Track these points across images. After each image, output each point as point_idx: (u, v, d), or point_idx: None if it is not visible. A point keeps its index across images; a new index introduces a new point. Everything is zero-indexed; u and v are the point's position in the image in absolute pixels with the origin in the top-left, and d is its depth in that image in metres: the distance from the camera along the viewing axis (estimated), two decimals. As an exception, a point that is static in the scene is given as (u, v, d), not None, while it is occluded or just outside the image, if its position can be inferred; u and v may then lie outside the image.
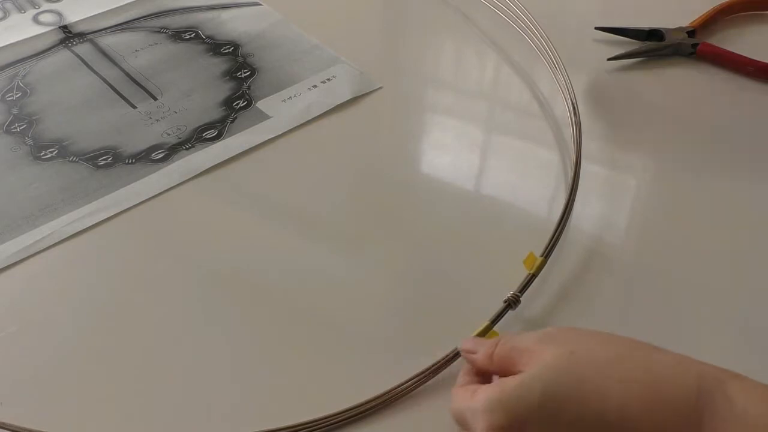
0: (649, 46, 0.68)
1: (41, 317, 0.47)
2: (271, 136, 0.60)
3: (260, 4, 0.75)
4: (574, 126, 0.59)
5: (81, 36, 0.71)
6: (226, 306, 0.48)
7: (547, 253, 0.48)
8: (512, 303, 0.44)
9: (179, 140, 0.60)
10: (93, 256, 0.52)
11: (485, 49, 0.71)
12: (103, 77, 0.66)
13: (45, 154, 0.58)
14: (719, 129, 0.62)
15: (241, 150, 0.59)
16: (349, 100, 0.63)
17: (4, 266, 0.50)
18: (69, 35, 0.71)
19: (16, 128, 0.61)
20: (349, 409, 0.41)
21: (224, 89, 0.65)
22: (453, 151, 0.61)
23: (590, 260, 0.51)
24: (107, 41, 0.70)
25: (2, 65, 0.68)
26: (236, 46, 0.70)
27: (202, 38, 0.71)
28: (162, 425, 0.42)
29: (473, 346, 0.40)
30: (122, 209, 0.54)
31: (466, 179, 0.58)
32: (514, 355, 0.36)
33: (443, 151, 0.62)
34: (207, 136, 0.60)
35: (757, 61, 0.65)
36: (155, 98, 0.64)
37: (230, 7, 0.75)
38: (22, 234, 0.52)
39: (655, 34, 0.69)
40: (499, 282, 0.47)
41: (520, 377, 0.34)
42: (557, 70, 0.63)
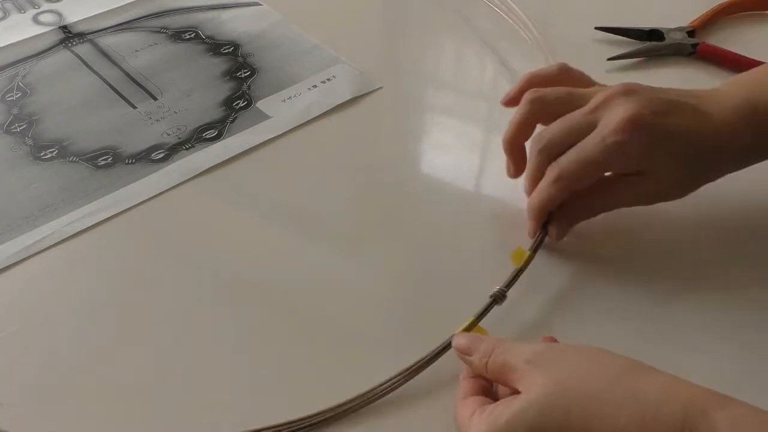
0: (649, 46, 0.68)
1: (41, 317, 0.47)
2: (271, 136, 0.60)
3: (260, 4, 0.75)
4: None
5: (81, 36, 0.71)
6: (226, 306, 0.48)
7: (535, 247, 0.48)
8: (498, 298, 0.45)
9: (179, 140, 0.60)
10: (93, 256, 0.52)
11: (485, 49, 0.71)
12: (103, 77, 0.66)
13: (45, 154, 0.59)
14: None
15: (241, 150, 0.59)
16: (349, 100, 0.63)
17: (4, 266, 0.50)
18: (69, 35, 0.71)
19: (16, 128, 0.61)
20: (336, 407, 0.41)
21: (224, 89, 0.65)
22: (453, 151, 0.61)
23: (579, 256, 0.51)
24: (107, 41, 0.70)
25: (2, 65, 0.68)
26: (236, 46, 0.70)
27: (202, 38, 0.71)
28: (162, 425, 0.42)
29: (467, 345, 0.41)
30: (122, 209, 0.54)
31: (466, 179, 0.58)
32: (506, 371, 0.38)
33: (443, 151, 0.62)
34: (207, 136, 0.60)
35: (758, 61, 0.65)
36: (155, 98, 0.64)
37: (230, 7, 0.75)
38: (22, 234, 0.52)
39: (655, 34, 0.69)
40: (498, 281, 0.47)
41: (509, 413, 0.35)
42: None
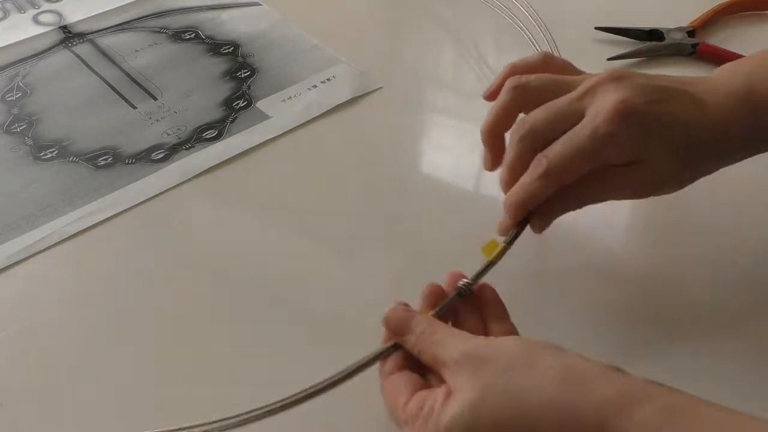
0: (649, 46, 0.68)
1: (41, 317, 0.47)
2: (271, 136, 0.60)
3: (260, 4, 0.75)
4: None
5: (81, 36, 0.71)
6: (226, 305, 0.48)
7: (510, 240, 0.45)
8: (463, 291, 0.41)
9: (179, 140, 0.60)
10: (93, 256, 0.52)
11: (485, 49, 0.71)
12: (103, 77, 0.66)
13: (45, 155, 0.58)
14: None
15: (241, 150, 0.59)
16: (349, 100, 0.63)
17: (4, 266, 0.50)
18: (69, 35, 0.71)
19: (16, 128, 0.61)
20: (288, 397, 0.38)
21: (224, 89, 0.65)
22: (453, 151, 0.61)
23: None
24: (107, 41, 0.70)
25: (2, 65, 0.68)
26: (236, 46, 0.70)
27: (202, 38, 0.71)
28: (162, 425, 0.42)
29: (400, 323, 0.39)
30: (122, 209, 0.54)
31: (465, 179, 0.58)
32: (437, 364, 0.36)
33: (443, 151, 0.62)
34: (207, 136, 0.60)
35: (758, 61, 0.65)
36: (155, 98, 0.64)
37: (230, 7, 0.75)
38: (22, 234, 0.52)
39: (655, 34, 0.69)
40: (499, 281, 0.47)
41: (446, 420, 0.33)
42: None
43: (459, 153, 0.61)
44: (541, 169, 0.43)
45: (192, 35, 0.71)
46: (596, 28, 0.70)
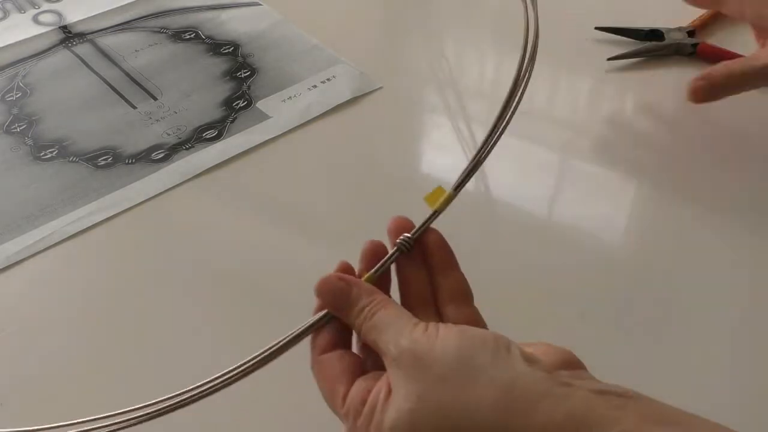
0: (649, 46, 0.68)
1: (41, 317, 0.47)
2: (271, 136, 0.60)
3: (260, 4, 0.75)
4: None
5: (81, 36, 0.71)
6: (226, 305, 0.48)
7: (458, 186, 0.41)
8: (403, 248, 0.37)
9: (179, 140, 0.60)
10: (93, 256, 0.52)
11: (485, 49, 0.71)
12: (103, 77, 0.66)
13: (45, 154, 0.59)
14: (719, 129, 0.62)
15: (241, 150, 0.59)
16: (349, 100, 0.63)
17: (4, 266, 0.50)
18: (69, 35, 0.71)
19: (16, 128, 0.61)
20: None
21: (224, 89, 0.65)
22: (453, 151, 0.61)
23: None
24: (107, 41, 0.70)
25: (2, 65, 0.68)
26: (236, 46, 0.70)
27: (202, 38, 0.71)
28: (162, 425, 0.42)
29: (335, 296, 0.35)
30: (122, 209, 0.54)
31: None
32: (378, 351, 0.33)
33: (443, 151, 0.62)
34: (207, 136, 0.60)
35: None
36: (155, 98, 0.64)
37: (230, 7, 0.75)
38: (22, 234, 0.52)
39: (655, 34, 0.69)
40: (499, 281, 0.47)
41: (389, 423, 0.31)
42: (557, 70, 0.63)
43: (459, 153, 0.61)
44: None
45: (192, 35, 0.71)
46: (596, 28, 0.70)
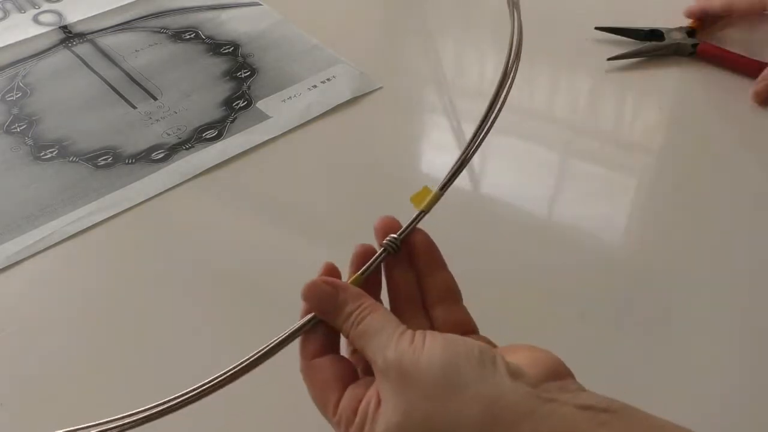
0: (649, 47, 0.68)
1: (41, 317, 0.47)
2: (271, 136, 0.60)
3: (260, 4, 0.75)
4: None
5: (81, 36, 0.71)
6: (226, 305, 0.48)
7: (444, 185, 0.40)
8: (390, 249, 0.36)
9: (179, 140, 0.60)
10: (93, 256, 0.52)
11: (485, 49, 0.71)
12: (103, 77, 0.66)
13: (45, 154, 0.59)
14: (718, 128, 0.62)
15: (241, 150, 0.59)
16: (349, 100, 0.63)
17: (4, 266, 0.50)
18: (69, 35, 0.71)
19: (16, 128, 0.61)
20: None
21: (224, 89, 0.65)
22: (452, 151, 0.61)
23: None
24: (107, 41, 0.70)
25: (2, 65, 0.68)
26: (236, 46, 0.70)
27: (202, 38, 0.71)
28: (162, 424, 0.42)
29: (323, 301, 0.34)
30: (122, 209, 0.54)
31: (465, 179, 0.58)
32: (368, 358, 0.33)
33: (443, 150, 0.62)
34: (207, 136, 0.60)
35: (757, 61, 0.65)
36: (155, 98, 0.64)
37: (230, 7, 0.75)
38: (22, 234, 0.52)
39: (654, 34, 0.69)
40: (498, 282, 0.47)
41: None
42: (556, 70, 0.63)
43: (458, 153, 0.61)
44: None
45: (192, 35, 0.71)
46: (596, 28, 0.70)
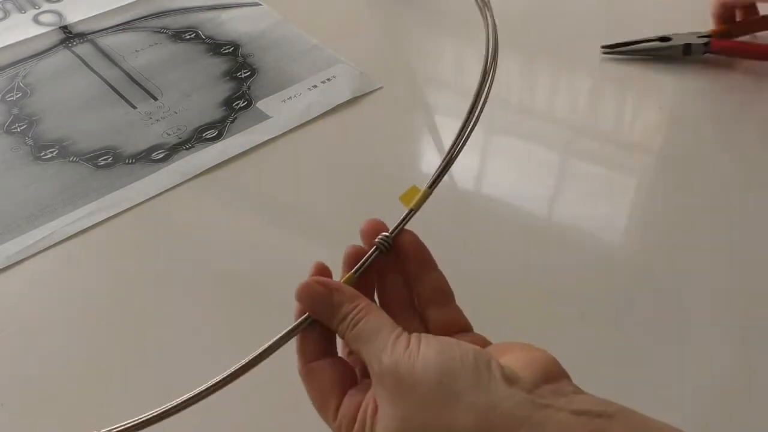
0: (655, 45, 0.65)
1: (41, 317, 0.47)
2: (271, 136, 0.60)
3: (260, 4, 0.75)
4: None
5: (81, 36, 0.71)
6: (226, 305, 0.48)
7: (433, 183, 0.40)
8: (382, 247, 0.36)
9: (179, 140, 0.60)
10: (93, 256, 0.52)
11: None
12: (103, 77, 0.66)
13: (45, 155, 0.59)
14: (719, 128, 0.62)
15: (242, 150, 0.59)
16: (349, 100, 0.63)
17: (4, 266, 0.50)
18: (69, 35, 0.71)
19: (16, 128, 0.61)
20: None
21: (224, 89, 0.65)
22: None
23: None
24: (107, 41, 0.70)
25: (3, 65, 0.68)
26: (236, 46, 0.70)
27: (202, 38, 0.71)
28: (162, 424, 0.42)
29: (317, 302, 0.34)
30: (122, 209, 0.54)
31: (465, 179, 0.58)
32: (365, 362, 0.32)
33: (443, 151, 0.61)
34: (207, 136, 0.60)
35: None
36: (155, 98, 0.64)
37: (230, 8, 0.75)
38: (22, 234, 0.52)
39: (664, 41, 0.66)
40: (498, 282, 0.47)
41: None
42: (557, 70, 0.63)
43: (459, 153, 0.61)
44: None
45: (192, 35, 0.71)
46: (603, 48, 0.67)
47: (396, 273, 0.37)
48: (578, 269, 0.50)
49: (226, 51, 0.69)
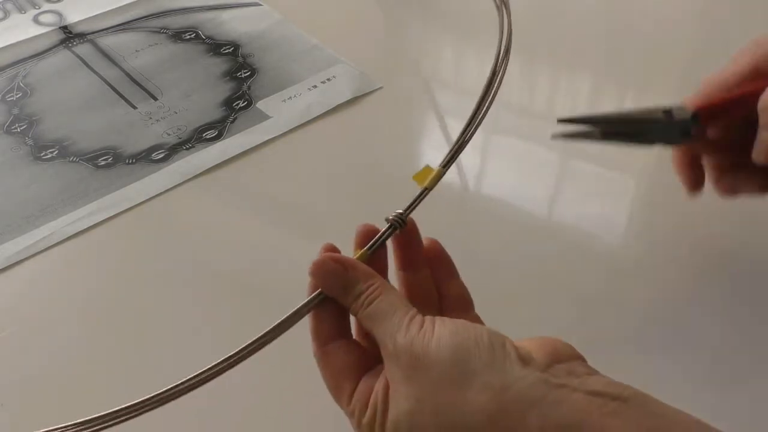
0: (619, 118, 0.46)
1: (41, 317, 0.47)
2: (271, 136, 0.60)
3: (260, 4, 0.75)
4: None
5: (81, 36, 0.71)
6: (226, 305, 0.48)
7: (447, 163, 0.40)
8: (396, 224, 0.36)
9: (179, 140, 0.60)
10: (93, 256, 0.52)
11: (485, 49, 0.71)
12: (103, 77, 0.66)
13: (45, 155, 0.59)
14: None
15: (242, 150, 0.59)
16: (349, 100, 0.63)
17: (4, 266, 0.50)
18: (69, 35, 0.71)
19: (16, 128, 0.61)
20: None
21: (224, 89, 0.65)
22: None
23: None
24: (107, 41, 0.70)
25: (3, 66, 0.68)
26: (236, 46, 0.70)
27: (202, 38, 0.71)
28: (162, 425, 0.42)
29: (332, 279, 0.34)
30: (122, 209, 0.54)
31: (465, 179, 0.58)
32: (378, 342, 0.32)
33: (443, 151, 0.61)
34: (207, 136, 0.60)
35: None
36: (155, 98, 0.64)
37: (230, 8, 0.75)
38: (22, 234, 0.52)
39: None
40: (497, 281, 0.47)
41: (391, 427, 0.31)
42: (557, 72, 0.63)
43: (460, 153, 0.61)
44: None
45: (192, 35, 0.71)
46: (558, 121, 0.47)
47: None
48: (578, 269, 0.50)
49: (226, 51, 0.69)
